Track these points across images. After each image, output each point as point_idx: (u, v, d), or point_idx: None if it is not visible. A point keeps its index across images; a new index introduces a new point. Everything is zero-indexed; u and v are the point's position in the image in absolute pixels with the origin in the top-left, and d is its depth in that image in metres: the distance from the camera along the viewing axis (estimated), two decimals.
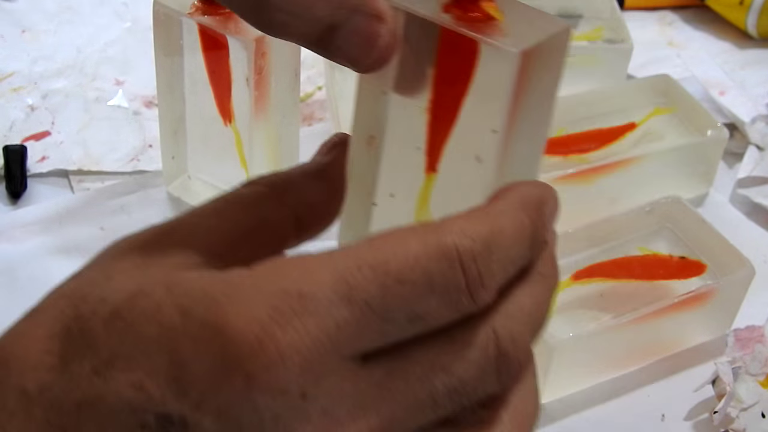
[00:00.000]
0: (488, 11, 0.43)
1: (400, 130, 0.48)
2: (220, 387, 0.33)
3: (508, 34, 0.42)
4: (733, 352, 0.61)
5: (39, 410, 0.34)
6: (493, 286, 0.35)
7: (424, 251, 0.34)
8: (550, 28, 0.43)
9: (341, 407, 0.34)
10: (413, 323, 0.34)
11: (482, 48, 0.42)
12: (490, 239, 0.35)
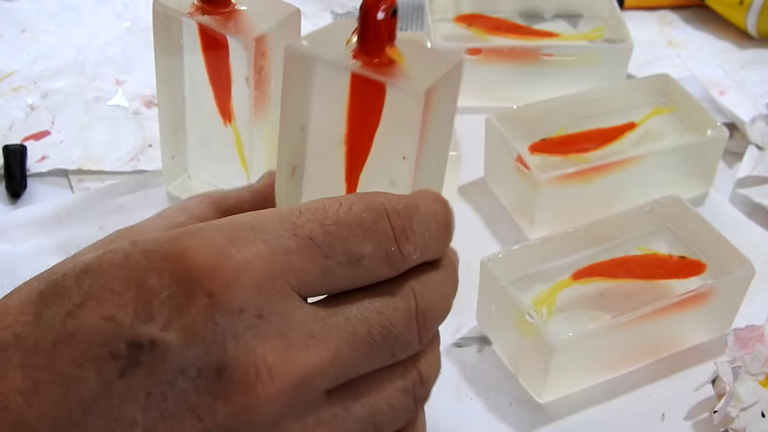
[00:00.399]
0: (391, 56, 0.50)
1: (321, 160, 0.54)
2: (185, 307, 0.37)
3: (411, 75, 0.49)
4: (733, 352, 0.61)
5: (16, 355, 0.37)
6: (415, 242, 0.42)
7: (356, 204, 0.41)
8: (445, 65, 0.50)
9: (293, 333, 0.38)
10: (351, 265, 0.40)
11: (389, 90, 0.49)
12: (411, 206, 0.43)
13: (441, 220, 0.45)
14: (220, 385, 0.37)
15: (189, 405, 0.37)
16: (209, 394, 0.37)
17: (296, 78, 0.52)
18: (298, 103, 0.53)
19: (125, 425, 0.37)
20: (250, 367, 0.37)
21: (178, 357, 0.37)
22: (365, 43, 0.49)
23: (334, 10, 1.04)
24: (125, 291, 0.38)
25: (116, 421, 0.37)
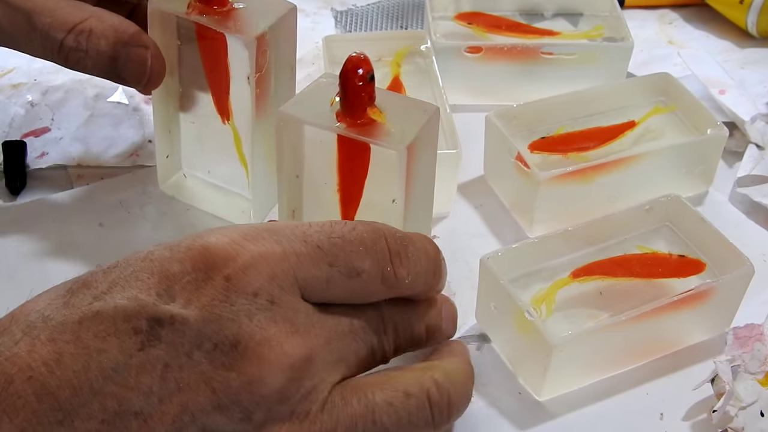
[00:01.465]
0: (372, 116, 0.55)
1: (317, 204, 0.61)
2: (204, 288, 0.42)
3: (392, 132, 0.55)
4: (732, 351, 0.61)
5: (43, 333, 0.40)
6: (408, 268, 0.49)
7: (359, 225, 0.48)
8: (423, 116, 0.56)
9: (298, 319, 0.44)
10: (351, 277, 0.46)
11: (373, 147, 0.56)
12: (406, 237, 0.50)
13: (432, 257, 0.51)
14: (234, 358, 0.41)
15: (204, 376, 0.40)
16: (224, 366, 0.40)
17: (288, 137, 0.58)
18: (291, 157, 0.59)
19: (142, 394, 0.39)
20: (263, 342, 0.41)
21: (196, 332, 0.40)
22: (347, 107, 0.55)
23: (334, 7, 1.03)
24: (149, 277, 0.42)
25: (133, 390, 0.39)
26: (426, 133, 0.56)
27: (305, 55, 0.95)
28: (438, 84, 0.79)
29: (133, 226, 0.75)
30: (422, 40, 0.84)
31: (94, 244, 0.73)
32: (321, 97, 0.57)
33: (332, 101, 0.56)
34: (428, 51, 0.83)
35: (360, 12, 1.03)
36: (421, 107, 0.57)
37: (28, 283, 0.68)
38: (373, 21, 1.02)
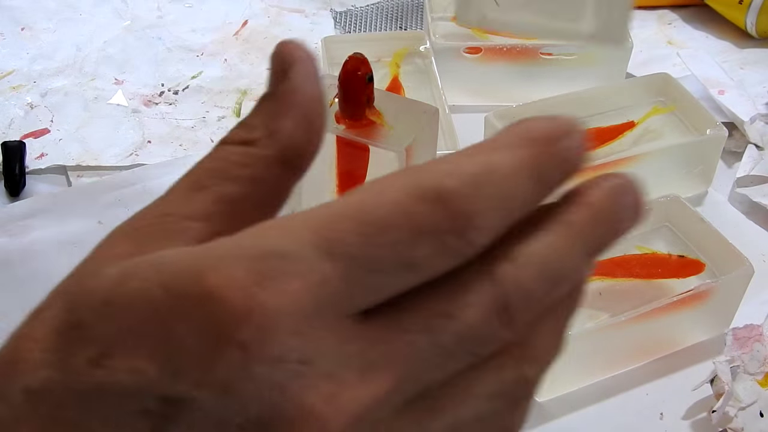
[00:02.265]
0: (371, 117, 0.55)
1: None
2: (216, 362, 0.32)
3: (391, 133, 0.54)
4: (731, 351, 0.61)
5: (44, 408, 0.34)
6: (485, 224, 0.32)
7: (404, 194, 0.31)
8: (423, 116, 0.55)
9: (347, 369, 0.32)
10: (405, 272, 0.32)
11: (372, 149, 0.55)
12: (478, 176, 0.32)
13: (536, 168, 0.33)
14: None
15: None
16: None
17: None
18: None
19: None
20: (298, 418, 0.32)
21: (215, 413, 0.33)
22: (347, 109, 0.55)
23: (333, 8, 1.03)
24: (148, 336, 0.33)
25: None
26: (425, 134, 0.56)
27: None
28: (437, 85, 0.79)
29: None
30: (421, 40, 0.84)
31: (94, 242, 0.73)
32: None
33: (331, 102, 0.56)
34: (427, 52, 0.83)
35: (359, 13, 1.03)
36: (420, 108, 0.57)
37: (28, 282, 0.69)
38: (373, 22, 1.02)
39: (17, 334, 0.37)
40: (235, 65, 0.95)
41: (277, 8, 1.04)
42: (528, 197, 0.33)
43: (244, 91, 0.91)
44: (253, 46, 0.98)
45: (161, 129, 0.86)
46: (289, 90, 0.37)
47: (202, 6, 1.04)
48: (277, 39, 0.97)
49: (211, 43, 0.98)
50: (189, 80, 0.92)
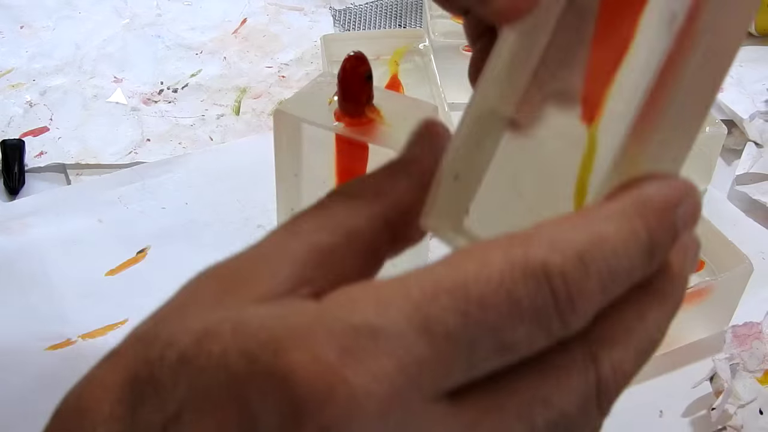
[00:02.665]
0: (371, 115, 0.54)
1: None
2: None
3: (390, 132, 0.53)
4: (730, 349, 0.61)
5: None
6: (588, 308, 0.30)
7: (508, 270, 0.29)
8: (422, 114, 0.53)
9: None
10: (502, 353, 0.30)
11: (372, 147, 0.54)
12: (586, 252, 0.30)
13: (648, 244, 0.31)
14: None
15: None
16: None
17: (286, 136, 0.57)
18: (289, 155, 0.58)
19: None
20: None
21: None
22: (346, 107, 0.55)
23: (332, 6, 1.03)
24: (224, 406, 0.31)
25: None
26: None
27: (303, 54, 0.95)
28: (436, 82, 0.79)
29: (132, 222, 0.75)
30: (420, 38, 0.84)
31: (94, 240, 0.73)
32: (319, 96, 0.57)
33: (330, 100, 0.56)
34: (426, 49, 0.83)
35: (358, 11, 1.03)
36: (419, 106, 0.57)
37: (28, 280, 0.69)
38: (372, 19, 1.02)
39: (89, 376, 0.34)
40: (234, 63, 0.95)
41: (276, 6, 1.04)
42: (637, 273, 0.31)
43: (243, 89, 0.91)
44: (252, 44, 0.98)
45: (160, 127, 0.86)
46: (412, 158, 0.36)
47: (201, 4, 1.04)
48: (276, 37, 0.98)
49: (210, 41, 0.98)
50: (188, 78, 0.92)
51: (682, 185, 0.32)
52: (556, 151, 0.36)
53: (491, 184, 0.37)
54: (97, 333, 0.66)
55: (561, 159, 0.36)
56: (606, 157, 0.34)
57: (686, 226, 0.32)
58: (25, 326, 0.66)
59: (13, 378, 0.62)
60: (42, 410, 0.38)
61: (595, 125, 0.35)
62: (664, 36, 0.32)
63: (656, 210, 0.31)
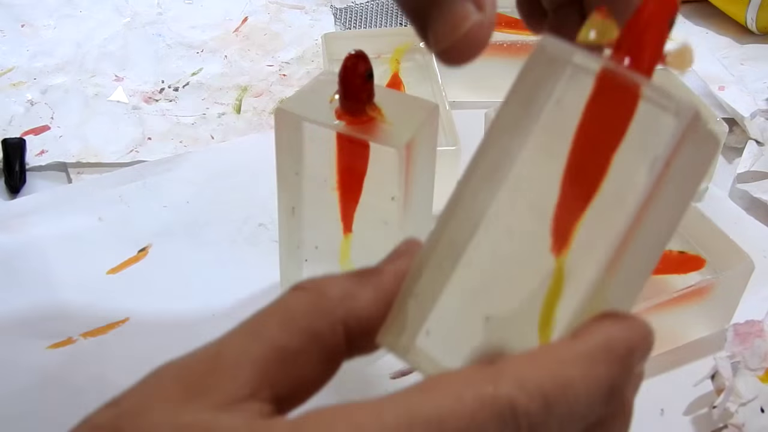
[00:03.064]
0: (371, 114, 0.54)
1: (316, 202, 0.58)
2: None
3: (391, 130, 0.54)
4: (732, 347, 0.61)
5: None
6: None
7: (479, 408, 0.30)
8: (423, 112, 0.54)
9: None
10: None
11: (372, 145, 0.54)
12: (551, 395, 0.31)
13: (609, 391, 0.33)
14: None
15: None
16: None
17: (287, 134, 0.57)
18: (290, 153, 0.58)
19: None
20: None
21: None
22: (347, 105, 0.55)
23: (333, 4, 1.03)
24: None
25: None
26: (425, 131, 0.56)
27: (305, 53, 0.95)
28: (437, 81, 0.79)
29: (133, 220, 0.75)
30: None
31: (94, 239, 0.73)
32: (320, 94, 0.57)
33: (331, 98, 0.56)
34: None
35: (359, 9, 1.03)
36: (420, 104, 0.57)
37: (29, 279, 0.69)
38: (372, 18, 1.02)
39: None
40: (235, 62, 0.95)
41: (277, 4, 1.04)
42: (594, 414, 0.33)
43: (244, 88, 0.91)
44: (253, 43, 0.98)
45: (161, 126, 0.86)
46: (383, 271, 0.37)
47: (202, 2, 1.04)
48: (277, 35, 0.98)
49: (211, 40, 0.98)
50: (189, 77, 0.92)
51: (642, 329, 0.34)
52: (520, 275, 0.37)
53: (453, 300, 0.37)
54: (98, 331, 0.66)
55: (525, 283, 0.37)
56: (573, 288, 0.35)
57: (640, 365, 0.35)
58: (25, 324, 0.66)
59: (14, 376, 0.62)
60: (43, 408, 0.39)
61: (563, 257, 0.36)
62: (644, 178, 0.34)
63: (620, 356, 0.33)
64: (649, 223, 0.34)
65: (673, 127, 0.33)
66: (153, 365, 0.34)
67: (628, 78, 0.35)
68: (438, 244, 0.36)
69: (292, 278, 0.67)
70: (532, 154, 0.37)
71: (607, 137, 0.36)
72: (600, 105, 0.36)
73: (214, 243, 0.73)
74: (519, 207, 0.37)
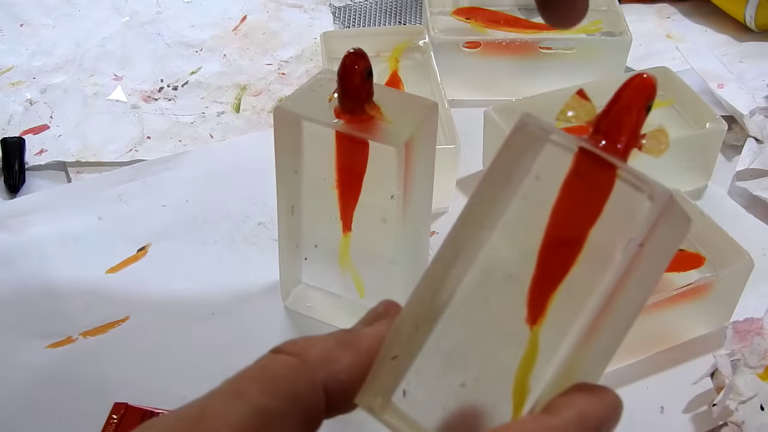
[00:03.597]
0: (371, 112, 0.54)
1: (316, 200, 0.60)
2: None
3: (390, 128, 0.54)
4: (731, 345, 0.61)
5: None
6: None
7: None
8: (422, 111, 0.54)
9: None
10: None
11: (372, 144, 0.54)
12: None
13: None
14: None
15: None
16: None
17: (286, 133, 0.57)
18: (289, 152, 0.58)
19: None
20: None
21: None
22: (346, 104, 0.55)
23: (332, 3, 1.03)
24: None
25: None
26: (424, 129, 0.56)
27: (304, 51, 0.95)
28: (436, 79, 0.79)
29: (132, 219, 0.75)
30: (420, 35, 0.84)
31: (94, 238, 0.73)
32: (319, 93, 0.57)
33: (330, 97, 0.56)
34: (426, 46, 0.83)
35: (358, 8, 1.03)
36: (419, 103, 0.57)
37: (28, 278, 0.69)
38: (372, 16, 1.02)
39: None
40: (234, 60, 0.95)
41: (275, 3, 1.04)
42: None
43: (243, 87, 0.91)
44: (252, 42, 0.97)
45: (160, 125, 0.86)
46: (363, 334, 0.37)
47: (200, 1, 1.04)
48: (276, 34, 0.98)
49: (210, 39, 0.98)
50: (188, 76, 0.92)
51: (612, 401, 0.35)
52: (496, 342, 0.38)
53: (429, 363, 0.38)
54: (97, 331, 0.66)
55: (501, 350, 0.38)
56: (547, 358, 0.36)
57: None
58: (25, 324, 0.66)
59: (13, 375, 0.62)
60: (42, 408, 0.39)
61: (538, 326, 0.37)
62: (619, 258, 0.35)
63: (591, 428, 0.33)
64: (622, 300, 0.35)
65: (648, 210, 0.34)
66: (153, 364, 0.34)
67: (605, 159, 0.36)
68: (416, 308, 0.37)
69: (292, 277, 0.67)
70: (510, 226, 0.38)
71: (583, 214, 0.37)
72: (577, 183, 0.37)
73: (213, 242, 0.73)
74: (496, 276, 0.38)
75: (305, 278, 0.68)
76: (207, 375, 0.37)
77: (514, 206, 0.38)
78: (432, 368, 0.38)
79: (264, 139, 0.82)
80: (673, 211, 0.34)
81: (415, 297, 0.37)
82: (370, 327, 0.38)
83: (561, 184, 0.37)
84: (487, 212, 0.38)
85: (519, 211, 0.38)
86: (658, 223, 0.34)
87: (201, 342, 0.64)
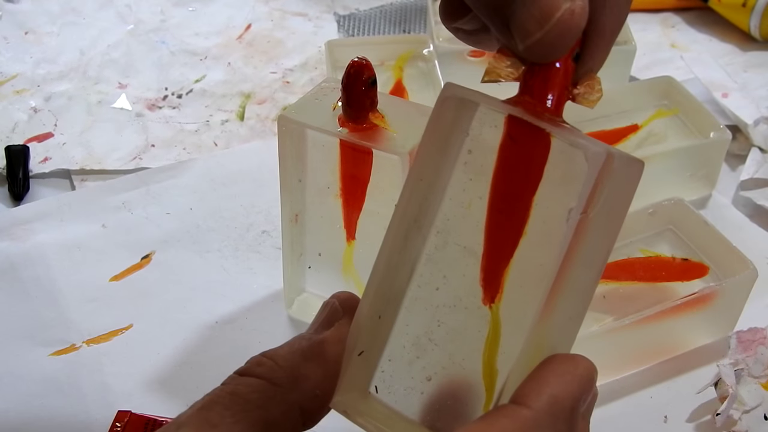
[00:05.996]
0: (375, 121, 0.54)
1: (319, 208, 0.59)
2: None
3: (394, 137, 0.53)
4: (735, 354, 0.60)
5: None
6: None
7: None
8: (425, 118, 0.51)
9: None
10: None
11: (376, 153, 0.54)
12: None
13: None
14: None
15: None
16: None
17: (290, 141, 0.57)
18: (293, 160, 0.58)
19: None
20: None
21: None
22: (350, 112, 0.55)
23: (336, 12, 1.04)
24: None
25: None
26: None
27: (308, 60, 0.96)
28: (440, 87, 0.79)
29: (136, 228, 0.75)
30: (425, 44, 0.84)
31: (98, 246, 0.73)
32: (323, 101, 0.57)
33: (334, 106, 0.56)
34: (431, 55, 0.83)
35: (362, 16, 1.03)
36: (423, 111, 0.57)
37: (32, 286, 0.69)
38: (376, 25, 1.02)
39: None
40: (238, 69, 0.95)
41: (280, 12, 1.04)
42: None
43: (247, 95, 0.91)
44: (256, 50, 0.98)
45: (165, 133, 0.86)
46: (331, 340, 0.37)
47: (205, 10, 1.04)
48: (280, 42, 0.98)
49: (214, 47, 0.98)
50: (192, 84, 0.92)
51: (585, 373, 0.34)
52: (460, 321, 0.37)
53: (397, 352, 0.38)
54: (101, 338, 0.66)
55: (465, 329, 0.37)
56: (511, 334, 0.36)
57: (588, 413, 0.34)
58: (29, 332, 0.66)
59: (17, 383, 0.62)
60: (46, 416, 0.39)
61: (496, 306, 0.36)
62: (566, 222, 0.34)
63: (565, 413, 0.33)
64: (578, 265, 0.34)
65: (586, 170, 0.33)
66: (156, 372, 0.34)
67: (536, 123, 0.35)
68: (375, 297, 0.36)
69: (295, 285, 0.67)
70: (457, 195, 0.37)
71: (523, 180, 0.36)
72: (512, 148, 0.36)
73: (217, 250, 0.73)
74: (451, 251, 0.37)
75: (309, 287, 0.68)
76: (210, 383, 0.38)
77: (457, 175, 0.37)
78: (403, 354, 0.38)
79: (268, 147, 0.82)
80: (616, 167, 0.33)
81: (372, 286, 0.36)
82: (331, 331, 0.37)
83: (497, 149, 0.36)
84: (431, 187, 0.37)
85: (463, 180, 0.37)
86: (600, 179, 0.32)
87: (204, 350, 0.64)
